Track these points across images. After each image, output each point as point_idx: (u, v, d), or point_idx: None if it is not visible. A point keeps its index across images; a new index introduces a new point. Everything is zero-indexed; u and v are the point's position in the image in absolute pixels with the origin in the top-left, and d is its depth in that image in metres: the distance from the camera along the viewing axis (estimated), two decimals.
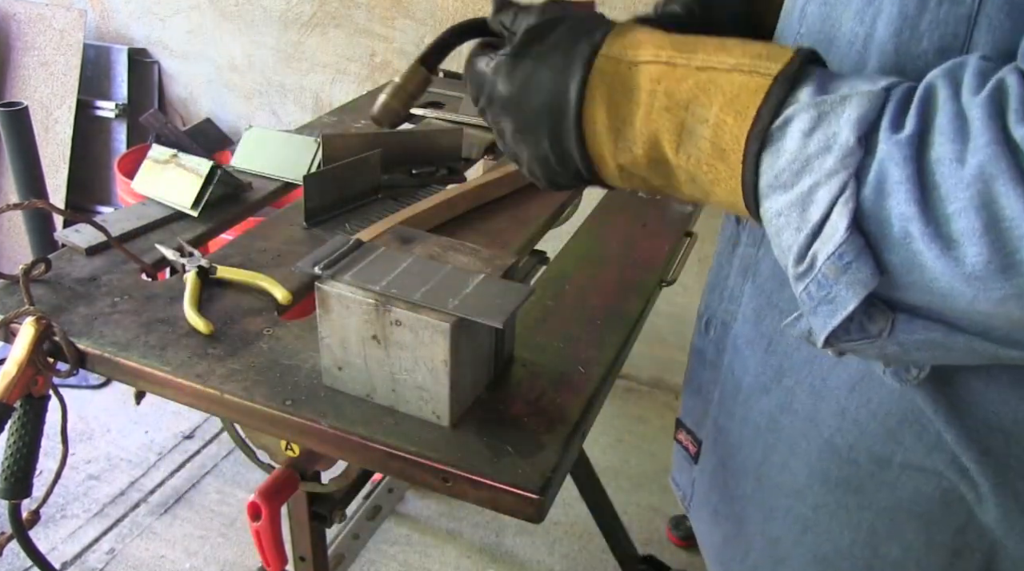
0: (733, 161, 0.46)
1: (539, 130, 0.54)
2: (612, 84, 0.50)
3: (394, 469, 0.69)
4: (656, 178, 0.52)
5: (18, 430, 0.80)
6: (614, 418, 2.20)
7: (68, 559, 1.75)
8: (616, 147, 0.51)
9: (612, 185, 0.56)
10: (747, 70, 0.46)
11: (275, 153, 1.19)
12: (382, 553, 1.80)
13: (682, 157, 0.48)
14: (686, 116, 0.47)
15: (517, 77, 0.54)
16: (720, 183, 0.47)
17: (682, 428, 0.79)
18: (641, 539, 1.82)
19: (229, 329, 0.81)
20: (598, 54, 0.51)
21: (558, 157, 0.54)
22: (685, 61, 0.48)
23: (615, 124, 0.50)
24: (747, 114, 0.45)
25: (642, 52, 0.50)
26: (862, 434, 0.58)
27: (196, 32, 2.47)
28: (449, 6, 2.10)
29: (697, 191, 0.50)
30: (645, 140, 0.49)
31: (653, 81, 0.49)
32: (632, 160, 0.51)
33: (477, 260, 0.74)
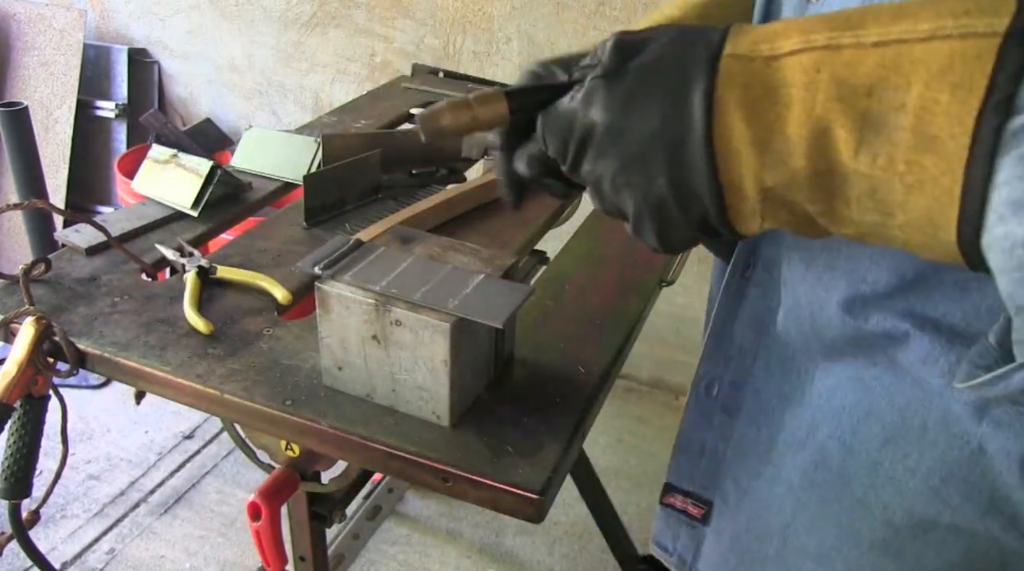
0: (952, 149, 0.35)
1: (652, 163, 0.43)
2: (749, 86, 0.40)
3: (394, 469, 0.69)
4: (816, 199, 0.41)
5: (18, 430, 0.80)
6: (614, 418, 2.20)
7: (68, 559, 1.75)
8: (763, 163, 0.41)
9: (746, 230, 0.44)
10: (954, 33, 0.35)
11: (275, 153, 1.19)
12: (382, 553, 1.80)
13: (864, 159, 0.38)
14: (870, 104, 0.37)
15: (617, 99, 0.44)
16: (924, 187, 0.36)
17: (675, 492, 0.71)
18: (641, 539, 1.82)
19: (229, 329, 0.81)
20: (721, 56, 0.41)
21: (679, 196, 0.43)
22: (853, 39, 0.38)
23: (758, 135, 0.40)
24: (973, 85, 0.34)
25: (783, 42, 0.40)
26: (899, 493, 0.52)
27: (196, 32, 2.47)
28: (449, 6, 2.10)
29: (874, 212, 0.39)
30: (808, 145, 0.39)
31: (809, 71, 0.39)
32: (787, 177, 0.40)
33: (477, 260, 0.74)
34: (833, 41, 0.38)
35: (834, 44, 0.38)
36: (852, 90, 0.37)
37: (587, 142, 0.46)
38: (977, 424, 0.48)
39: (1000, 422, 0.47)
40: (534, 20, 2.03)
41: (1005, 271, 0.35)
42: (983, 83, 0.34)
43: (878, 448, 0.53)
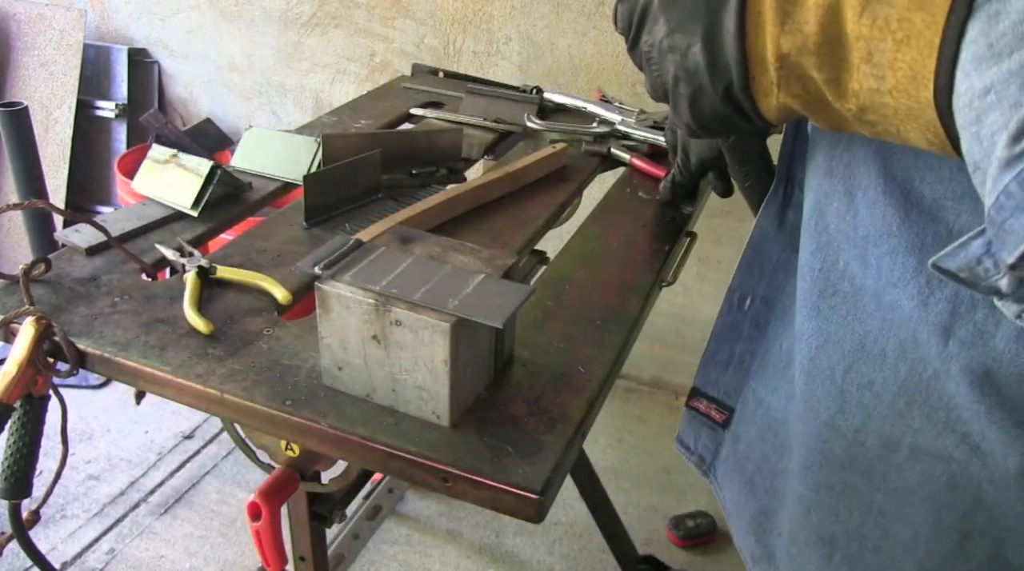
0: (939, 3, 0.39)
1: (693, 29, 0.50)
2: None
3: (394, 469, 0.69)
4: (824, 67, 0.45)
5: (18, 430, 0.80)
6: (614, 418, 2.20)
7: (68, 559, 1.75)
8: (782, 30, 0.46)
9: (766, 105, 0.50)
10: None
11: (275, 153, 1.19)
12: (382, 553, 1.80)
13: (865, 22, 0.42)
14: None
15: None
16: (909, 42, 0.40)
17: (700, 397, 0.78)
18: (641, 539, 1.82)
19: (229, 329, 0.81)
20: None
21: (709, 63, 0.50)
22: None
23: (783, 5, 0.46)
24: None
25: None
26: (868, 417, 0.57)
27: (196, 32, 2.47)
28: (449, 6, 2.10)
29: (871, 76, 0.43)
30: (822, 12, 0.44)
31: None
32: (800, 43, 0.46)
33: (477, 260, 0.74)
34: None
35: None
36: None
37: (646, 14, 0.54)
38: (943, 345, 0.51)
39: (964, 341, 0.50)
40: (534, 20, 2.03)
41: (964, 127, 0.38)
42: None
43: (841, 375, 0.56)
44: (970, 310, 0.50)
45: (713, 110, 0.53)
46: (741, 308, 0.71)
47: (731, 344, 0.73)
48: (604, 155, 1.26)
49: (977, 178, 0.39)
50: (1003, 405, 0.50)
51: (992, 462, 0.53)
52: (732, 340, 0.73)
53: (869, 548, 0.60)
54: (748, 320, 0.71)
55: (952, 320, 0.51)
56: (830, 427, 0.59)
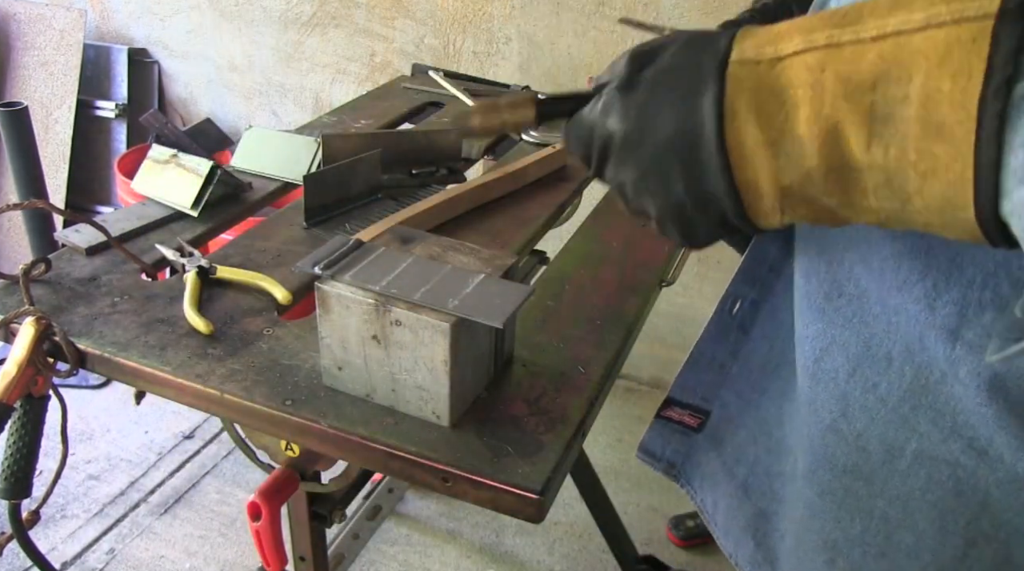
0: (959, 135, 0.35)
1: (669, 169, 0.45)
2: (757, 90, 0.41)
3: (394, 469, 0.69)
4: (834, 193, 0.42)
5: (18, 430, 0.80)
6: (614, 418, 2.20)
7: (68, 559, 1.75)
8: (777, 165, 0.42)
9: (766, 225, 0.46)
10: (948, 20, 0.35)
11: (275, 153, 1.19)
12: (382, 553, 1.80)
13: (877, 152, 0.38)
14: (875, 98, 0.38)
15: (632, 110, 0.46)
16: (937, 174, 0.37)
17: (674, 405, 0.75)
18: (641, 539, 1.82)
19: (229, 329, 0.81)
20: (729, 61, 0.42)
21: (696, 200, 0.45)
22: (853, 36, 0.39)
23: (770, 137, 0.41)
24: (972, 71, 0.35)
25: (785, 44, 0.41)
26: (872, 421, 0.55)
27: (196, 32, 2.47)
28: (449, 6, 2.10)
29: (892, 199, 0.40)
30: (820, 143, 0.40)
31: (813, 70, 0.40)
32: (803, 175, 0.41)
33: (477, 260, 0.74)
34: (833, 39, 0.39)
35: (835, 42, 0.39)
36: (856, 86, 0.38)
37: (608, 151, 0.48)
38: (951, 348, 0.50)
39: (972, 344, 0.49)
40: (534, 20, 2.03)
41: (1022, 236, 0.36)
42: (981, 67, 0.34)
43: (845, 379, 0.55)
44: (978, 313, 0.48)
45: (708, 235, 0.49)
46: (730, 313, 0.70)
47: (713, 348, 0.71)
48: None
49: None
50: (1012, 410, 0.49)
51: (1000, 467, 0.51)
52: (715, 345, 0.71)
53: (872, 555, 0.59)
54: (735, 324, 0.70)
55: (960, 323, 0.49)
56: (833, 431, 0.58)
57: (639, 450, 0.78)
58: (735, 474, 0.72)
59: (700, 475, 0.76)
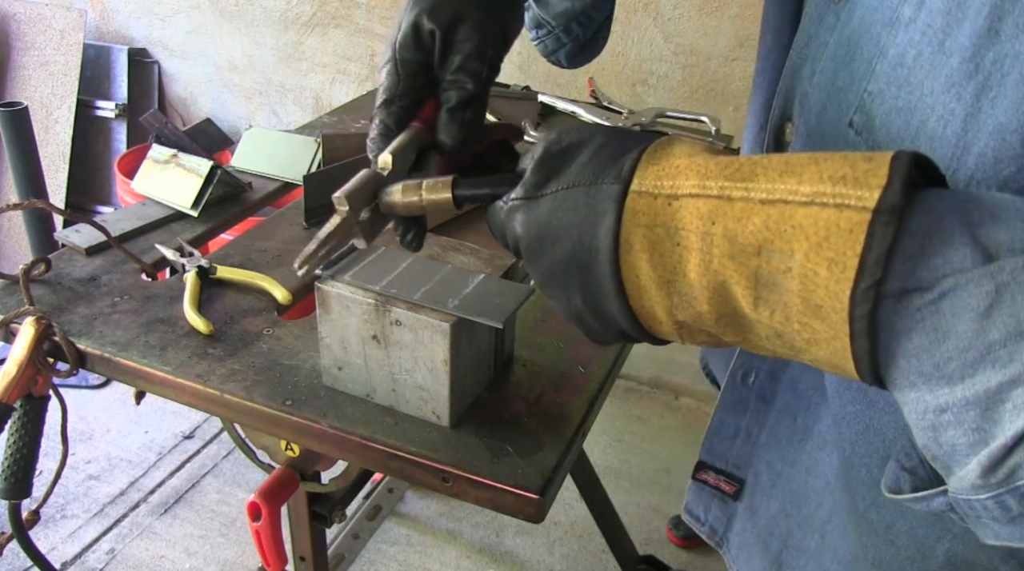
0: (835, 321, 0.36)
1: (567, 285, 0.45)
2: (651, 226, 0.41)
3: (394, 469, 0.69)
4: (729, 334, 0.42)
5: (18, 430, 0.80)
6: (614, 418, 2.20)
7: (68, 559, 1.75)
8: (671, 302, 0.42)
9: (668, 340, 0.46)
10: (830, 202, 0.36)
11: (275, 153, 1.19)
12: (382, 553, 1.80)
13: (763, 312, 0.39)
14: (760, 263, 0.38)
15: (532, 223, 0.46)
16: (819, 345, 0.38)
17: (708, 469, 0.73)
18: (641, 539, 1.82)
19: (229, 329, 0.81)
20: (629, 190, 0.42)
21: (595, 315, 0.46)
22: (743, 193, 0.39)
23: (663, 275, 0.41)
24: (846, 263, 0.35)
25: (683, 182, 0.41)
26: (902, 514, 0.51)
27: (196, 32, 2.47)
28: None
29: (785, 348, 0.40)
30: (709, 294, 0.40)
31: (704, 220, 0.40)
32: (695, 316, 0.42)
33: (477, 260, 0.74)
34: (725, 192, 0.39)
35: (726, 195, 0.39)
36: (742, 248, 0.38)
37: (518, 251, 0.49)
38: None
39: None
40: None
41: (919, 428, 0.36)
42: (854, 263, 0.35)
43: (879, 465, 0.52)
44: None
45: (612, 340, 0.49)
46: (745, 384, 0.67)
47: (737, 418, 0.69)
48: None
49: (937, 465, 0.37)
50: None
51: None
52: (738, 414, 0.69)
53: None
54: (754, 394, 0.67)
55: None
56: (865, 520, 0.55)
57: (684, 510, 0.77)
58: (769, 547, 0.69)
59: (738, 544, 0.73)
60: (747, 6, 1.81)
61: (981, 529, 0.36)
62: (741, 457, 0.70)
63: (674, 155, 0.43)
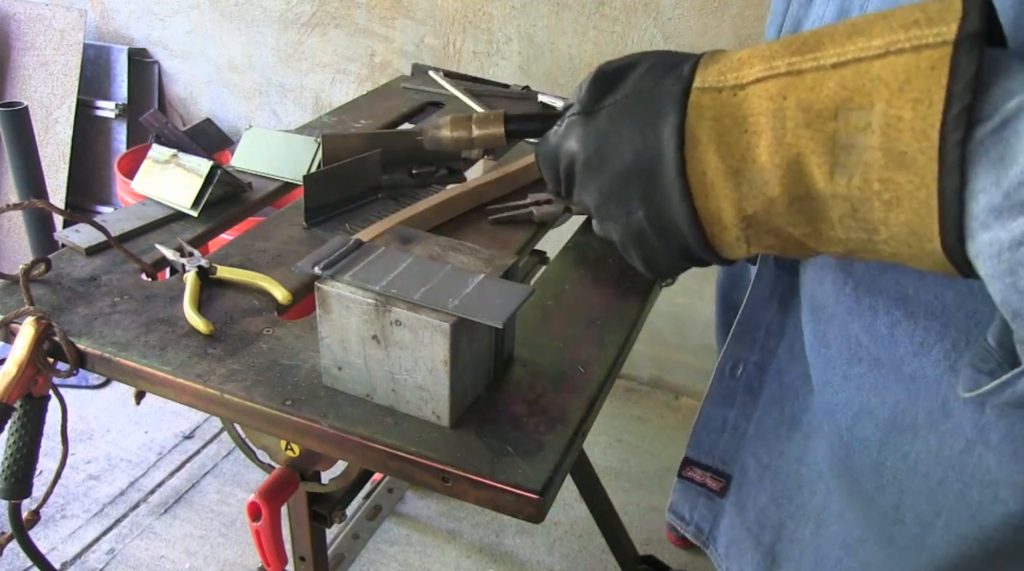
0: (922, 163, 0.35)
1: (629, 197, 0.44)
2: (718, 118, 0.41)
3: (394, 469, 0.69)
4: (799, 223, 0.41)
5: (18, 430, 0.80)
6: (614, 418, 2.20)
7: (68, 559, 1.75)
8: (739, 192, 0.41)
9: (732, 255, 0.45)
10: (907, 46, 0.35)
11: (275, 153, 1.19)
12: (382, 553, 1.80)
13: (840, 181, 0.38)
14: (837, 126, 0.37)
15: (592, 136, 0.46)
16: (901, 203, 0.36)
17: (693, 466, 0.73)
18: (641, 539, 1.82)
19: (229, 329, 0.81)
20: (691, 89, 0.42)
21: (657, 228, 0.44)
22: (813, 63, 0.38)
23: (732, 165, 0.40)
24: (932, 98, 0.34)
25: (747, 71, 0.41)
26: (901, 492, 0.52)
27: (196, 32, 2.47)
28: (449, 6, 2.10)
29: (858, 230, 0.39)
30: (783, 172, 0.39)
31: (775, 98, 0.39)
32: (765, 205, 0.40)
33: (477, 260, 0.74)
34: (794, 66, 0.39)
35: (795, 69, 0.39)
36: (818, 114, 0.38)
37: (571, 175, 0.48)
38: (979, 413, 0.46)
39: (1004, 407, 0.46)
40: (534, 20, 2.03)
41: (996, 277, 0.35)
42: (941, 95, 0.34)
43: (877, 447, 0.52)
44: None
45: (671, 266, 0.48)
46: (733, 376, 0.67)
47: (724, 411, 0.70)
48: None
49: (1017, 323, 0.36)
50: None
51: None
52: (725, 407, 0.69)
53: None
54: (741, 387, 0.67)
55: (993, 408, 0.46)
56: (871, 503, 0.55)
57: (669, 510, 0.76)
58: (761, 540, 0.68)
59: (727, 542, 0.72)
60: (747, 6, 1.81)
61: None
62: (728, 452, 0.70)
63: (733, 52, 0.42)
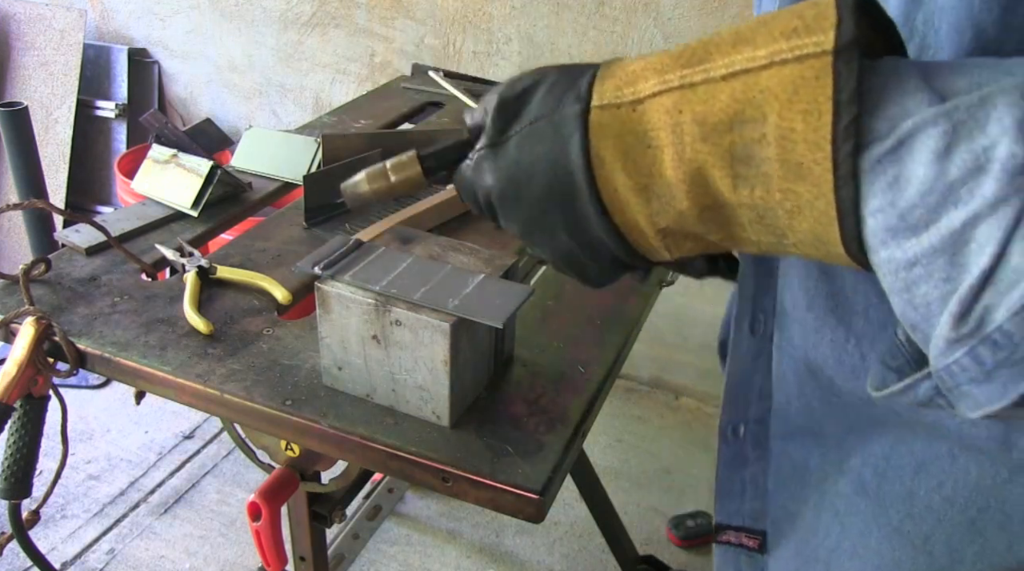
0: (818, 174, 0.35)
1: (551, 223, 0.45)
2: (620, 134, 0.41)
3: (394, 469, 0.69)
4: (714, 231, 0.41)
5: (18, 430, 0.80)
6: (614, 418, 2.20)
7: (68, 559, 1.75)
8: (651, 209, 0.41)
9: (659, 258, 0.45)
10: (790, 56, 0.35)
11: (275, 153, 1.19)
12: (382, 553, 1.80)
13: (743, 191, 0.38)
14: (733, 139, 0.37)
15: (503, 168, 0.46)
16: (803, 211, 0.37)
17: (727, 530, 0.71)
18: (641, 539, 1.82)
19: (229, 329, 0.81)
20: (591, 107, 0.42)
21: (584, 247, 0.45)
22: (703, 75, 0.38)
23: (640, 182, 0.41)
24: (820, 109, 0.35)
25: (643, 85, 0.41)
26: (939, 523, 0.50)
27: (196, 32, 2.47)
28: (449, 6, 2.10)
29: (769, 234, 0.40)
30: (688, 187, 0.40)
31: (671, 113, 0.39)
32: (677, 218, 0.41)
33: (477, 260, 0.74)
34: (686, 79, 0.39)
35: (688, 82, 0.39)
36: (713, 128, 0.38)
37: (491, 206, 0.48)
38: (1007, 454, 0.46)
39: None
40: (534, 20, 2.03)
41: (894, 292, 0.36)
42: (828, 107, 0.34)
43: (911, 476, 0.52)
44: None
45: (606, 277, 0.48)
46: (737, 437, 0.67)
47: (739, 472, 0.68)
48: None
49: (916, 336, 0.37)
50: None
51: None
52: (739, 468, 0.68)
53: None
54: (748, 445, 0.67)
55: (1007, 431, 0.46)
56: (899, 534, 0.54)
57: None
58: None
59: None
60: (747, 6, 1.81)
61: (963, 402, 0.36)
62: (756, 510, 0.69)
63: (627, 62, 0.42)
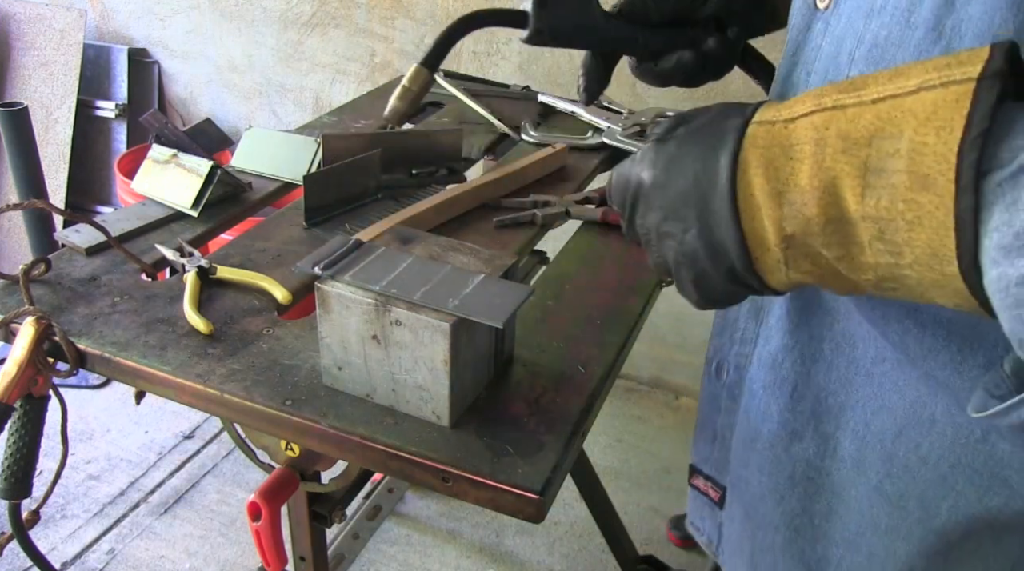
0: (942, 184, 0.38)
1: (686, 215, 0.49)
2: (768, 146, 0.45)
3: (394, 469, 0.69)
4: (833, 245, 0.44)
5: (18, 430, 0.80)
6: (614, 418, 2.20)
7: (68, 559, 1.75)
8: (781, 212, 0.45)
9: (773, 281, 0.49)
10: (937, 83, 0.39)
11: (275, 153, 1.19)
12: (382, 553, 1.80)
13: (869, 202, 0.41)
14: (870, 152, 0.41)
15: (661, 160, 0.51)
16: (923, 222, 0.39)
17: (698, 474, 0.76)
18: (641, 539, 1.82)
19: (229, 329, 0.81)
20: (750, 123, 0.47)
21: (708, 248, 0.49)
22: (856, 99, 0.43)
23: (775, 187, 0.45)
24: (953, 125, 0.38)
25: (799, 107, 0.45)
26: (912, 481, 0.56)
27: (196, 32, 2.47)
28: (449, 6, 2.10)
29: (885, 252, 0.42)
30: (820, 194, 0.43)
31: (819, 128, 0.44)
32: (803, 225, 0.44)
33: (477, 260, 0.74)
34: (839, 102, 0.43)
35: (840, 104, 0.43)
36: (854, 142, 0.42)
37: (638, 196, 0.53)
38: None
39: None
40: None
41: (1004, 309, 0.38)
42: (961, 122, 0.38)
43: (892, 440, 0.56)
44: None
45: (719, 290, 0.52)
46: (719, 378, 0.71)
47: (713, 417, 0.73)
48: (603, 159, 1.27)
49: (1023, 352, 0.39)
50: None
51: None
52: (712, 412, 0.72)
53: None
54: (725, 391, 0.70)
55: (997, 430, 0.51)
56: (878, 492, 0.59)
57: (687, 522, 0.80)
58: (743, 550, 0.72)
59: (728, 552, 0.75)
60: None
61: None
62: (720, 462, 0.73)
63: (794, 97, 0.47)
